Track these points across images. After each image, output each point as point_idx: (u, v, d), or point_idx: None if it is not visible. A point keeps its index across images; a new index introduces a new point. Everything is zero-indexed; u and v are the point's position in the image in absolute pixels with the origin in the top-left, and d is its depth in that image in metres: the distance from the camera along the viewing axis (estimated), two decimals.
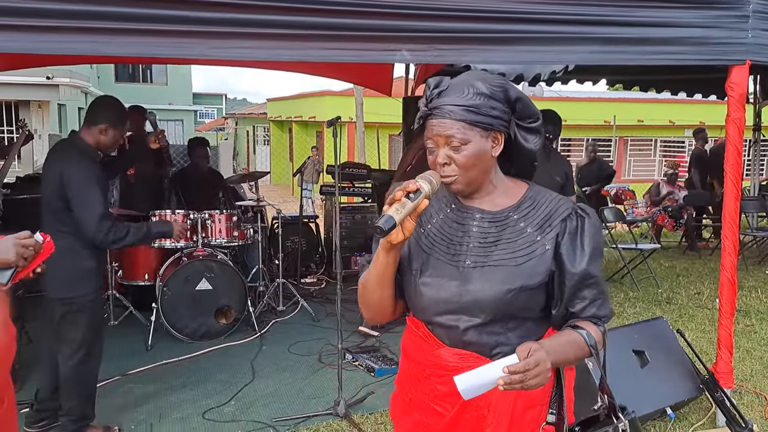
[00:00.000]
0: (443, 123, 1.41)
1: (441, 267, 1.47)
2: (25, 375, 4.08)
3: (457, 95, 1.40)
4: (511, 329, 1.45)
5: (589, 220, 1.46)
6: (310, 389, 3.97)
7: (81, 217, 3.02)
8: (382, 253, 1.42)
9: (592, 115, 17.57)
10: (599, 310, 1.47)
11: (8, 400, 1.81)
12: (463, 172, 1.43)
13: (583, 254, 1.43)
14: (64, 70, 14.01)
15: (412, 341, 1.57)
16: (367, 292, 1.51)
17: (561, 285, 1.44)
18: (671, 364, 3.52)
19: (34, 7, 2.21)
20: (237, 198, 6.46)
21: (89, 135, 3.12)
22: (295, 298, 5.67)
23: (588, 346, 1.43)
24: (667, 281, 7.01)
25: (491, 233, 1.46)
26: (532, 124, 1.47)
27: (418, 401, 1.55)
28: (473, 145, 1.41)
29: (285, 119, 21.81)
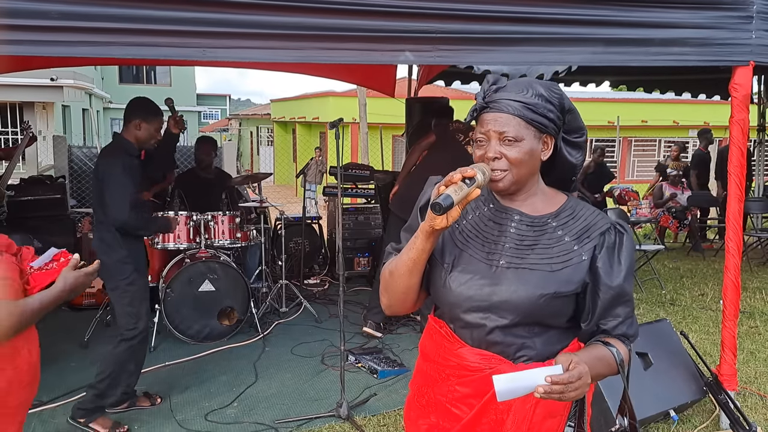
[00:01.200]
0: (500, 117, 1.41)
1: (474, 264, 1.46)
2: None
3: (517, 92, 1.41)
4: (537, 334, 1.44)
5: (627, 236, 1.46)
6: (312, 391, 3.97)
7: (110, 203, 3.36)
8: (422, 238, 1.39)
9: (596, 116, 17.55)
10: (629, 329, 1.47)
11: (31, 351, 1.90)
12: (513, 169, 1.42)
13: (620, 269, 1.42)
14: (68, 72, 14.04)
15: (432, 341, 1.55)
16: (395, 279, 1.48)
17: (594, 298, 1.43)
18: (674, 366, 3.50)
19: (35, 8, 2.21)
20: (240, 199, 6.47)
21: (127, 133, 3.48)
22: (298, 299, 5.67)
23: (617, 364, 1.42)
24: (671, 282, 6.99)
25: (529, 236, 1.46)
26: (577, 138, 1.49)
27: (435, 403, 1.53)
28: (527, 143, 1.41)
29: (288, 120, 21.85)
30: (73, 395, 3.78)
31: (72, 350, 4.50)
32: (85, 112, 19.11)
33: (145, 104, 3.52)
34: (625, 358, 1.45)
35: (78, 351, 4.55)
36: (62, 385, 3.94)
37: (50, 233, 5.78)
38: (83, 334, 4.69)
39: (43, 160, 12.14)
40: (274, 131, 23.88)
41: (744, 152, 3.27)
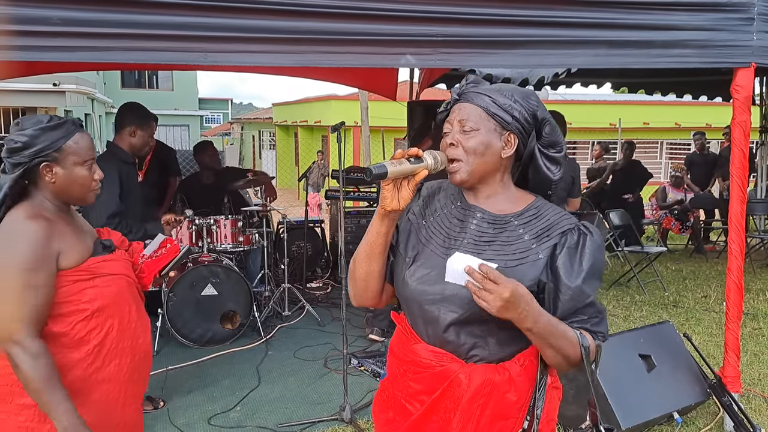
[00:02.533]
0: (464, 107, 1.46)
1: (432, 259, 1.48)
2: None
3: (489, 89, 1.46)
4: (491, 333, 1.43)
5: (591, 238, 1.44)
6: (315, 394, 3.97)
7: (90, 210, 3.18)
8: (376, 221, 1.45)
9: (598, 118, 17.54)
10: (594, 326, 1.44)
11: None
12: (467, 158, 1.44)
13: (580, 270, 1.41)
14: (71, 77, 14.06)
15: (396, 337, 1.59)
16: (356, 265, 1.53)
17: (555, 298, 1.42)
18: (678, 368, 3.50)
19: (37, 14, 2.22)
20: (242, 203, 6.47)
21: (120, 140, 3.37)
22: (301, 302, 5.67)
23: (580, 344, 1.38)
24: (674, 284, 6.97)
25: (488, 233, 1.47)
26: (555, 153, 1.50)
27: (393, 399, 1.56)
28: (483, 134, 1.44)
29: (290, 124, 21.87)
30: None
31: None
32: (87, 117, 19.15)
33: (137, 110, 3.40)
34: (591, 347, 1.41)
35: None
36: None
37: None
38: None
39: None
40: (276, 135, 23.91)
41: (746, 154, 3.27)
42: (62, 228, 1.81)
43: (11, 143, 1.78)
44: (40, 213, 1.78)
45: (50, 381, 1.68)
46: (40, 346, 1.70)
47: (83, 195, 1.88)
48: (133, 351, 1.91)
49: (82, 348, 1.81)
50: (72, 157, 1.82)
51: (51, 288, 1.75)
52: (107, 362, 1.85)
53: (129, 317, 1.90)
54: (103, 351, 1.84)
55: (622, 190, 8.46)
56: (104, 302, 1.83)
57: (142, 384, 2.03)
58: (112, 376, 1.86)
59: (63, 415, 1.68)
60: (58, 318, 1.78)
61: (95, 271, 1.83)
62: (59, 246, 1.77)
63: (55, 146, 1.79)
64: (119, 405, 1.90)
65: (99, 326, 1.83)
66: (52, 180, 1.81)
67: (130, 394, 1.93)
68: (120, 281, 1.89)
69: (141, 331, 1.94)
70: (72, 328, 1.80)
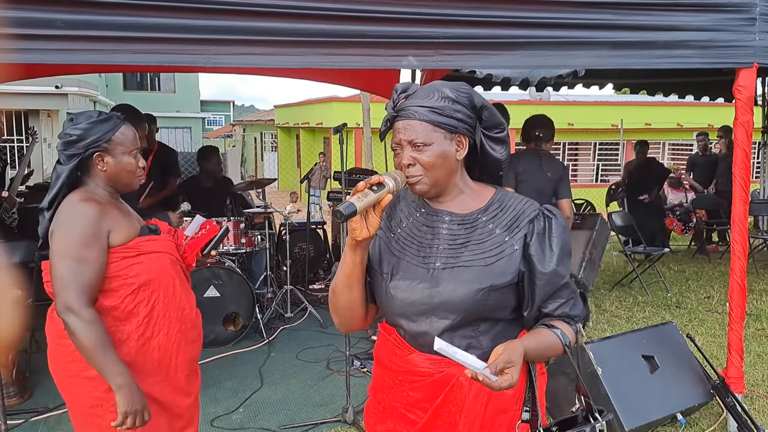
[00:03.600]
0: (408, 124, 1.44)
1: (411, 270, 1.48)
2: (35, 382, 4.10)
3: (423, 98, 1.44)
4: (483, 332, 1.46)
5: (556, 220, 1.47)
6: (318, 396, 3.97)
7: None
8: (349, 252, 1.44)
9: (600, 119, 17.54)
10: (571, 310, 1.49)
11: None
12: (427, 173, 1.44)
13: (552, 254, 1.44)
14: (73, 79, 14.11)
15: (384, 348, 1.57)
16: (336, 296, 1.52)
17: (532, 285, 1.44)
18: (681, 369, 3.49)
19: (41, 17, 2.23)
20: (244, 205, 6.48)
21: None
22: (303, 304, 5.67)
23: (563, 345, 1.44)
24: (677, 285, 6.96)
25: (460, 235, 1.48)
26: (498, 134, 1.51)
27: (391, 409, 1.56)
28: (437, 146, 1.43)
29: (292, 125, 21.89)
30: None
31: None
32: None
33: (129, 111, 3.45)
34: (571, 338, 1.47)
35: None
36: None
37: None
38: None
39: (48, 168, 12.18)
40: (278, 137, 23.93)
41: (749, 154, 3.27)
42: (112, 210, 1.99)
43: (67, 137, 1.96)
44: (92, 197, 1.97)
45: (103, 345, 1.86)
46: (93, 313, 1.88)
47: (130, 181, 2.06)
48: (181, 321, 2.08)
49: (132, 320, 1.99)
50: (120, 147, 2.00)
51: (102, 263, 1.93)
52: (156, 332, 2.02)
53: (174, 290, 2.07)
54: (152, 322, 2.01)
55: (638, 191, 8.11)
56: (149, 277, 2.00)
57: (192, 351, 2.16)
58: (162, 345, 2.04)
59: (117, 375, 1.85)
60: (109, 292, 1.96)
61: (141, 248, 2.01)
62: (109, 225, 1.95)
63: (106, 138, 1.97)
64: (171, 372, 2.08)
65: (146, 299, 2.00)
66: (104, 168, 2.00)
67: (180, 361, 2.10)
68: (164, 258, 2.06)
69: (186, 303, 2.11)
70: (122, 301, 1.97)
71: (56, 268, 1.89)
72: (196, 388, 2.23)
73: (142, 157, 2.08)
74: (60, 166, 1.99)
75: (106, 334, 1.89)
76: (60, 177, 1.96)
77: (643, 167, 8.23)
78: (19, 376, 3.92)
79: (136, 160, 2.04)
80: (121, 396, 1.86)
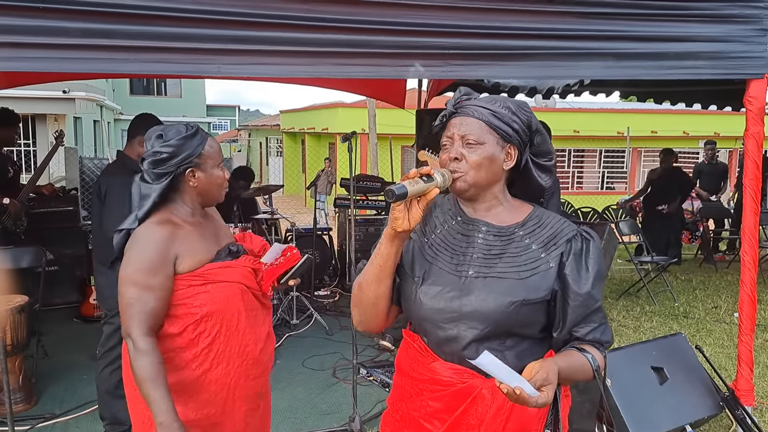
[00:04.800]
0: (465, 121, 1.45)
1: (443, 276, 1.47)
2: (41, 388, 4.10)
3: (486, 102, 1.47)
4: (509, 347, 1.44)
5: (594, 243, 1.47)
6: (324, 404, 3.96)
7: (105, 223, 3.21)
8: (385, 242, 1.43)
9: (606, 126, 17.52)
10: (602, 336, 1.47)
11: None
12: (471, 171, 1.44)
13: (587, 276, 1.43)
14: (80, 84, 14.17)
15: (407, 356, 1.56)
16: (363, 290, 1.50)
17: (564, 305, 1.43)
18: (690, 380, 3.47)
19: (53, 25, 2.24)
20: (253, 211, 6.48)
21: (130, 150, 3.37)
22: (309, 311, 5.67)
23: (592, 370, 1.43)
24: (684, 295, 6.93)
25: (496, 246, 1.47)
26: (546, 162, 1.52)
27: (409, 418, 1.53)
28: (487, 147, 1.44)
29: (298, 131, 21.93)
30: (85, 408, 3.79)
31: (83, 363, 4.49)
32: (96, 124, 19.26)
33: (151, 121, 3.34)
34: (600, 364, 1.45)
35: (89, 363, 4.54)
36: (74, 398, 3.95)
37: (63, 245, 5.81)
38: (94, 347, 4.68)
39: (54, 172, 12.23)
40: (284, 142, 23.97)
41: (759, 165, 3.25)
42: (187, 233, 1.94)
43: (158, 155, 1.91)
44: (169, 218, 1.93)
45: (154, 378, 1.79)
46: (149, 343, 1.82)
47: (218, 193, 2.04)
48: (241, 356, 1.99)
49: (192, 349, 1.93)
50: (210, 161, 1.97)
51: (166, 290, 1.87)
52: (215, 365, 1.95)
53: (237, 324, 1.98)
54: (211, 354, 1.94)
55: (658, 201, 7.82)
56: (213, 308, 1.93)
57: (255, 388, 2.07)
58: (219, 378, 1.96)
59: (162, 413, 1.77)
60: (173, 319, 1.91)
61: (208, 277, 1.94)
62: (178, 250, 1.89)
63: (197, 152, 1.93)
64: (228, 407, 2.00)
65: (208, 330, 1.93)
66: (195, 184, 1.96)
67: (238, 396, 2.01)
68: (232, 288, 1.97)
69: (250, 338, 2.01)
70: (184, 329, 1.91)
71: (122, 293, 1.86)
72: (253, 426, 2.11)
73: (226, 169, 2.06)
74: (146, 185, 1.94)
75: (160, 367, 1.81)
76: (150, 197, 1.92)
77: (667, 176, 7.90)
78: (26, 382, 3.92)
79: (223, 172, 2.02)
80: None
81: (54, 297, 5.81)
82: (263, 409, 2.17)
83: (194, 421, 1.94)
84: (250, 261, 2.07)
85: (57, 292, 5.86)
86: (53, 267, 5.57)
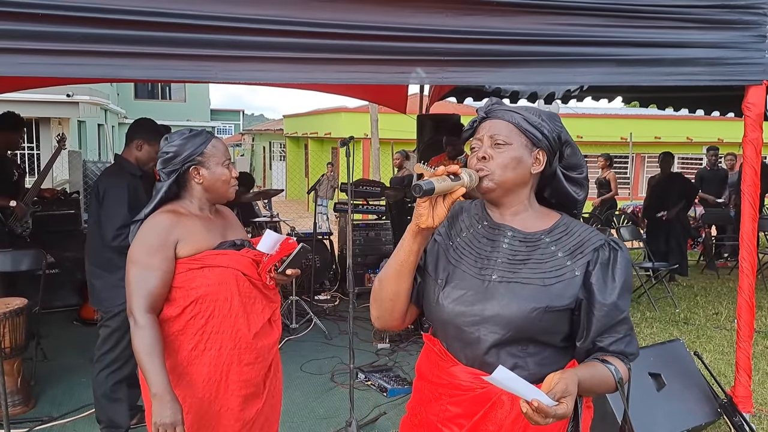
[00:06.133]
0: (494, 123, 1.47)
1: (467, 279, 1.46)
2: (40, 391, 4.11)
3: (516, 107, 1.50)
4: (531, 355, 1.43)
5: (622, 253, 1.45)
6: (321, 409, 3.96)
7: (103, 225, 3.23)
8: (408, 239, 1.43)
9: (609, 132, 17.50)
10: (627, 347, 1.45)
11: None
12: (498, 171, 1.44)
13: (614, 286, 1.41)
14: (84, 88, 14.25)
15: (427, 360, 1.55)
16: (383, 285, 1.50)
17: (589, 315, 1.41)
18: (688, 387, 3.46)
19: (54, 31, 2.26)
20: (251, 215, 6.49)
21: (128, 153, 3.40)
22: (308, 315, 5.67)
23: (615, 382, 1.40)
24: (685, 301, 6.92)
25: (521, 252, 1.46)
26: (578, 175, 1.52)
27: (427, 423, 1.52)
28: (515, 149, 1.45)
29: (301, 135, 21.98)
30: (82, 411, 3.79)
31: (82, 366, 4.50)
32: (100, 128, 19.34)
33: (148, 125, 3.43)
34: (624, 377, 1.43)
35: (88, 366, 4.54)
36: (72, 401, 3.96)
37: (64, 249, 5.83)
38: (94, 350, 4.70)
39: (58, 175, 12.28)
40: (287, 146, 24.02)
41: (758, 171, 3.25)
42: (191, 223, 2.07)
43: (164, 155, 2.07)
44: (175, 209, 2.07)
45: (150, 351, 1.91)
46: (148, 319, 1.95)
47: (225, 190, 2.14)
48: (234, 339, 2.06)
49: (188, 331, 2.03)
50: (213, 159, 2.09)
51: (165, 271, 2.00)
52: (209, 347, 2.04)
53: (230, 307, 2.05)
54: (205, 336, 2.04)
55: (658, 207, 7.66)
56: (207, 290, 2.03)
57: (248, 373, 2.10)
58: (212, 360, 2.04)
59: (154, 384, 1.88)
60: (171, 302, 2.03)
61: (206, 261, 2.04)
62: (179, 236, 2.02)
63: (199, 151, 2.07)
64: (221, 390, 2.06)
65: (202, 312, 2.03)
66: (200, 181, 2.09)
67: (232, 381, 2.07)
68: (227, 273, 2.06)
69: (243, 322, 2.07)
70: (182, 311, 2.02)
71: (126, 273, 2.01)
72: (250, 415, 2.13)
73: (234, 168, 2.15)
74: (159, 183, 2.09)
75: (157, 342, 1.93)
76: (159, 192, 2.08)
77: (666, 182, 7.71)
78: (24, 385, 3.93)
79: (229, 170, 2.12)
80: (154, 405, 1.88)
81: (54, 300, 5.82)
82: (268, 403, 2.20)
83: (189, 404, 2.00)
84: (251, 252, 2.15)
85: (57, 295, 5.87)
86: (54, 270, 5.59)
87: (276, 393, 2.28)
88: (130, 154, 3.38)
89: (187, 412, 1.99)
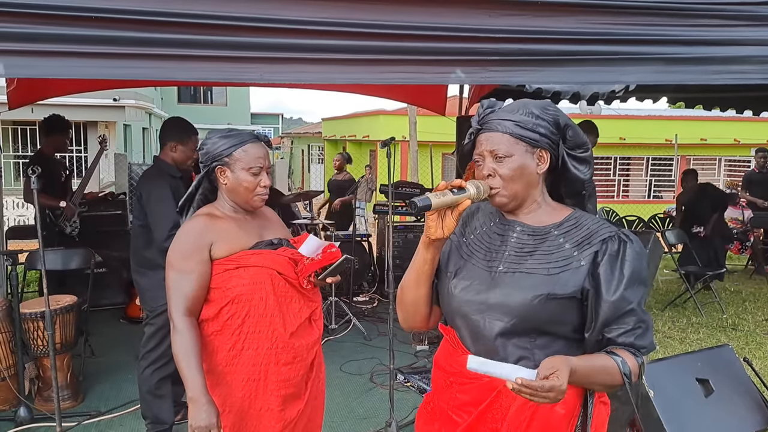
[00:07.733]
0: (491, 136, 1.48)
1: (475, 271, 1.51)
2: (88, 386, 4.23)
3: (508, 112, 1.48)
4: (539, 347, 1.44)
5: (632, 245, 1.44)
6: (361, 409, 3.97)
7: (153, 228, 3.26)
8: (422, 249, 1.50)
9: (653, 134, 17.12)
10: (638, 340, 1.43)
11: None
12: (506, 185, 1.47)
13: (621, 278, 1.41)
14: (130, 92, 14.61)
15: (443, 350, 1.61)
16: (404, 292, 1.58)
17: (596, 306, 1.42)
18: (737, 394, 3.35)
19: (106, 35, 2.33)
20: (291, 216, 6.56)
21: (164, 154, 3.42)
22: (348, 316, 5.70)
23: (621, 374, 1.39)
24: (733, 306, 6.71)
25: (529, 244, 1.49)
26: (582, 153, 1.52)
27: (439, 411, 1.58)
28: (517, 158, 1.46)
29: (339, 138, 22.12)
30: (129, 407, 3.89)
31: (129, 362, 4.60)
32: (145, 131, 19.82)
33: (178, 125, 3.44)
34: (633, 371, 1.41)
35: (134, 363, 4.63)
36: (119, 397, 4.06)
37: (111, 248, 5.99)
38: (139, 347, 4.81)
39: (104, 177, 12.62)
40: (325, 149, 24.20)
41: None
42: (225, 224, 2.07)
43: (200, 149, 2.12)
44: (210, 212, 2.09)
45: (188, 354, 1.92)
46: (185, 323, 1.96)
47: (248, 198, 2.09)
48: (271, 339, 2.05)
49: (225, 332, 2.03)
50: (239, 163, 2.06)
51: (201, 274, 2.00)
52: (246, 347, 2.04)
53: (265, 307, 2.04)
54: (242, 336, 2.04)
55: (693, 222, 7.41)
56: (242, 290, 2.02)
57: (286, 373, 2.09)
58: (250, 360, 2.04)
59: (191, 387, 1.89)
60: (210, 303, 2.04)
61: (241, 261, 2.03)
62: (213, 238, 2.02)
63: (227, 152, 2.06)
64: (260, 390, 2.06)
65: (238, 312, 2.02)
66: (225, 182, 2.08)
67: (271, 381, 2.06)
68: (262, 272, 2.04)
69: (279, 322, 2.06)
70: (219, 312, 2.02)
71: (166, 278, 2.02)
72: (291, 416, 2.11)
73: (267, 177, 2.11)
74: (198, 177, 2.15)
75: (194, 345, 1.94)
76: (193, 185, 2.12)
77: (697, 196, 7.50)
78: (73, 380, 4.05)
79: (256, 178, 2.07)
80: (190, 408, 1.89)
81: (101, 298, 5.99)
82: (310, 405, 2.18)
83: (230, 404, 2.02)
84: (289, 251, 2.13)
85: (104, 293, 6.04)
86: (101, 269, 5.75)
87: (318, 394, 2.26)
88: (167, 155, 3.40)
89: (228, 412, 2.01)
